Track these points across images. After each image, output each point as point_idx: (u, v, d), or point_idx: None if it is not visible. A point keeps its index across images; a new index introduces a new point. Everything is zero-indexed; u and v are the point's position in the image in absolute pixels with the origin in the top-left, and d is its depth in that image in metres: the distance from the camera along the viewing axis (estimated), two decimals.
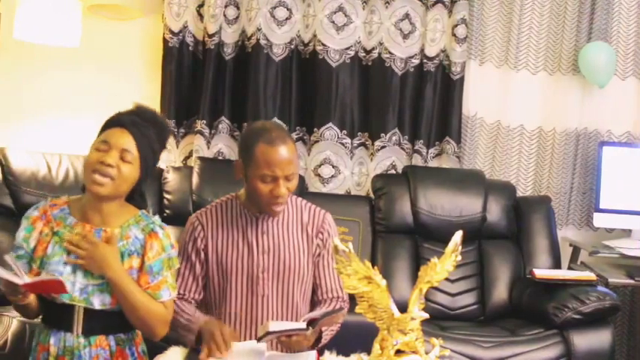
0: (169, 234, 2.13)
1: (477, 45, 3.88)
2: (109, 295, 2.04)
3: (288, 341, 2.04)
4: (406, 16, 3.83)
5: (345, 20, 3.80)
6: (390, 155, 3.86)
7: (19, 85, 3.73)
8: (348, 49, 3.81)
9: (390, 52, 3.81)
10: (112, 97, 3.49)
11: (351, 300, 1.93)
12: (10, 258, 2.00)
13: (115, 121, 2.09)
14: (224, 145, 3.79)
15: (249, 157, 2.20)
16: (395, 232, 3.61)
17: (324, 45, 3.77)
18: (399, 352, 1.73)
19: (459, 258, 1.83)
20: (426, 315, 1.76)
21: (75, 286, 2.03)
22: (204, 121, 3.75)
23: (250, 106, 3.74)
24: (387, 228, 3.62)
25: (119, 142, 2.05)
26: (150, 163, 2.12)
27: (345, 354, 2.08)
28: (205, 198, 3.44)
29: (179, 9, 3.75)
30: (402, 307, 1.77)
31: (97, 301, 2.04)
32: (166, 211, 3.49)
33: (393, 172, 3.85)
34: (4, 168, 3.40)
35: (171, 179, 3.57)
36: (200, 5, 3.79)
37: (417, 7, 3.83)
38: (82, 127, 3.64)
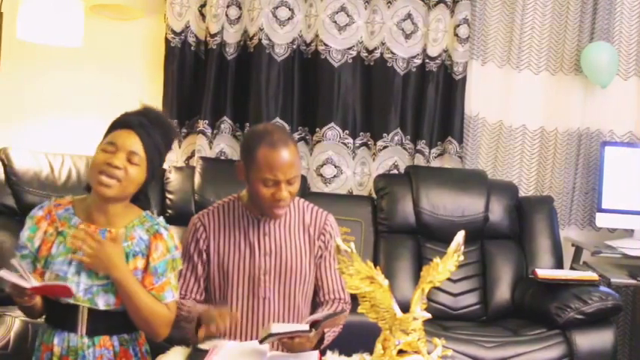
0: (173, 235, 2.13)
1: (479, 45, 3.88)
2: (113, 296, 2.04)
3: (290, 343, 2.04)
4: (408, 16, 3.83)
5: (347, 20, 3.80)
6: (393, 155, 3.86)
7: (21, 85, 3.73)
8: (350, 49, 3.80)
9: (392, 52, 3.81)
10: (114, 97, 3.51)
11: (354, 300, 1.93)
12: (17, 261, 2.00)
13: (122, 123, 2.09)
14: (226, 145, 3.79)
15: (250, 160, 2.20)
16: (397, 232, 3.61)
17: (326, 45, 3.77)
18: (401, 352, 1.73)
19: (461, 258, 1.83)
20: (429, 315, 1.76)
21: (79, 287, 2.02)
22: (206, 121, 3.75)
23: (252, 106, 3.74)
24: (389, 228, 3.62)
25: (126, 143, 2.04)
26: (156, 164, 2.12)
27: (348, 354, 2.08)
28: (207, 198, 3.44)
29: (181, 9, 3.75)
30: (405, 307, 1.77)
31: (102, 302, 2.04)
32: (168, 211, 3.49)
33: (395, 172, 3.85)
34: (6, 168, 3.40)
35: (174, 179, 3.57)
36: (202, 5, 3.79)
37: (419, 7, 3.83)
38: (84, 127, 3.65)
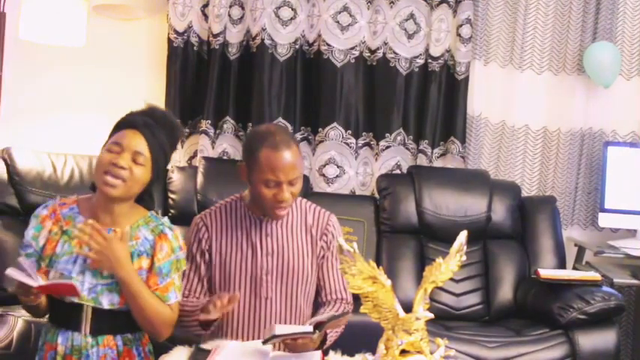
0: (178, 236, 2.13)
1: (481, 45, 3.88)
2: (117, 295, 2.04)
3: (293, 344, 2.04)
4: (411, 16, 3.83)
5: (350, 20, 3.80)
6: (395, 155, 3.85)
7: (24, 85, 3.72)
8: (352, 49, 3.80)
9: (395, 52, 3.81)
10: (117, 97, 3.50)
11: (356, 300, 1.93)
12: (23, 260, 2.00)
13: (128, 123, 2.08)
14: (229, 145, 3.79)
15: (252, 161, 2.20)
16: (400, 232, 3.61)
17: (328, 45, 3.77)
18: (403, 352, 1.73)
19: (463, 258, 1.83)
20: (431, 315, 1.76)
21: (84, 286, 2.02)
22: (208, 121, 3.75)
23: (255, 106, 3.74)
24: (391, 228, 3.62)
25: (132, 144, 2.04)
26: (161, 164, 2.11)
27: (350, 354, 2.08)
28: (210, 198, 3.45)
29: (184, 9, 3.75)
30: (407, 307, 1.77)
31: (106, 301, 2.03)
32: (171, 211, 3.49)
33: (397, 172, 3.85)
34: (9, 168, 3.40)
35: (176, 179, 3.58)
36: (205, 5, 3.79)
37: (421, 7, 3.83)
38: (87, 127, 3.65)
